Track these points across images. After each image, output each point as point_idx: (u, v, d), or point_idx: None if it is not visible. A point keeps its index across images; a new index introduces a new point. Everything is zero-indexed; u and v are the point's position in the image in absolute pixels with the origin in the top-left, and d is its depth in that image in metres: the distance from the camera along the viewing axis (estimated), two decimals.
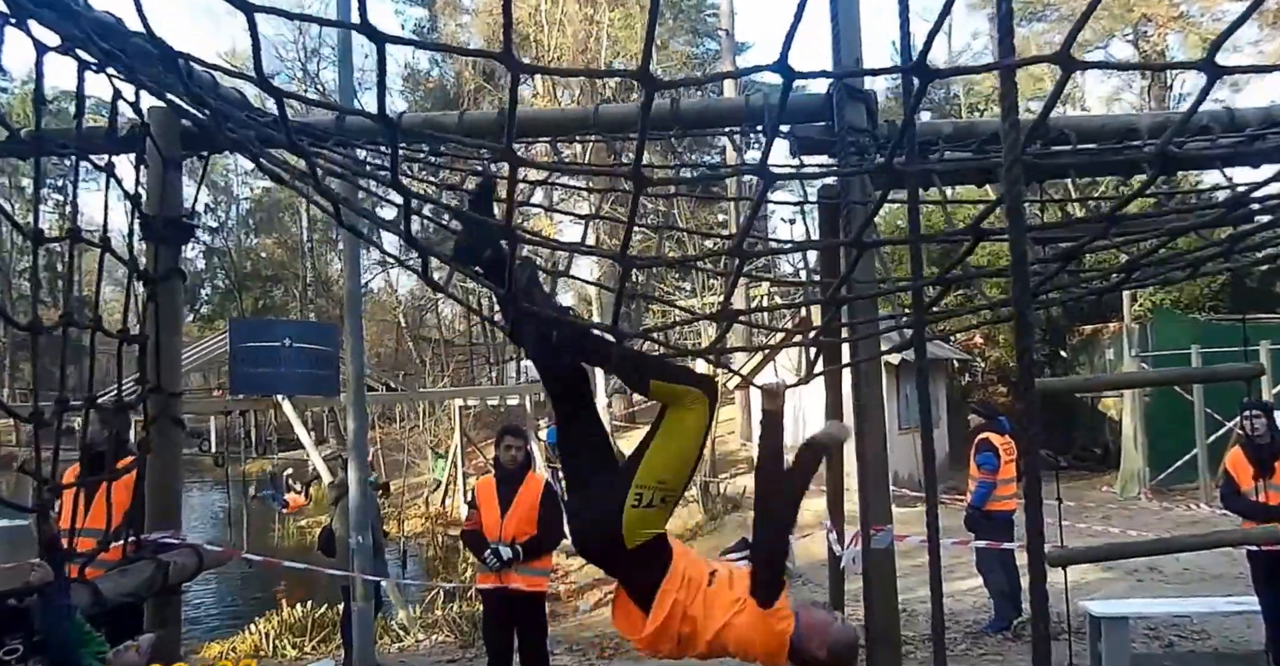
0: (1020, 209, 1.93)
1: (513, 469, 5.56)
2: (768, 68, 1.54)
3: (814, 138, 4.37)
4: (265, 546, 14.98)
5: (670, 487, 2.77)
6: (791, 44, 1.50)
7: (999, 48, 1.85)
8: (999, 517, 7.54)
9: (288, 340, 12.52)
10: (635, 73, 1.49)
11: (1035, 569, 1.88)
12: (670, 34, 27.17)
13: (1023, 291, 1.90)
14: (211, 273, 46.39)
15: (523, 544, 5.40)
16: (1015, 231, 1.92)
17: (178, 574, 3.74)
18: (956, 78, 32.09)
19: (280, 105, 2.12)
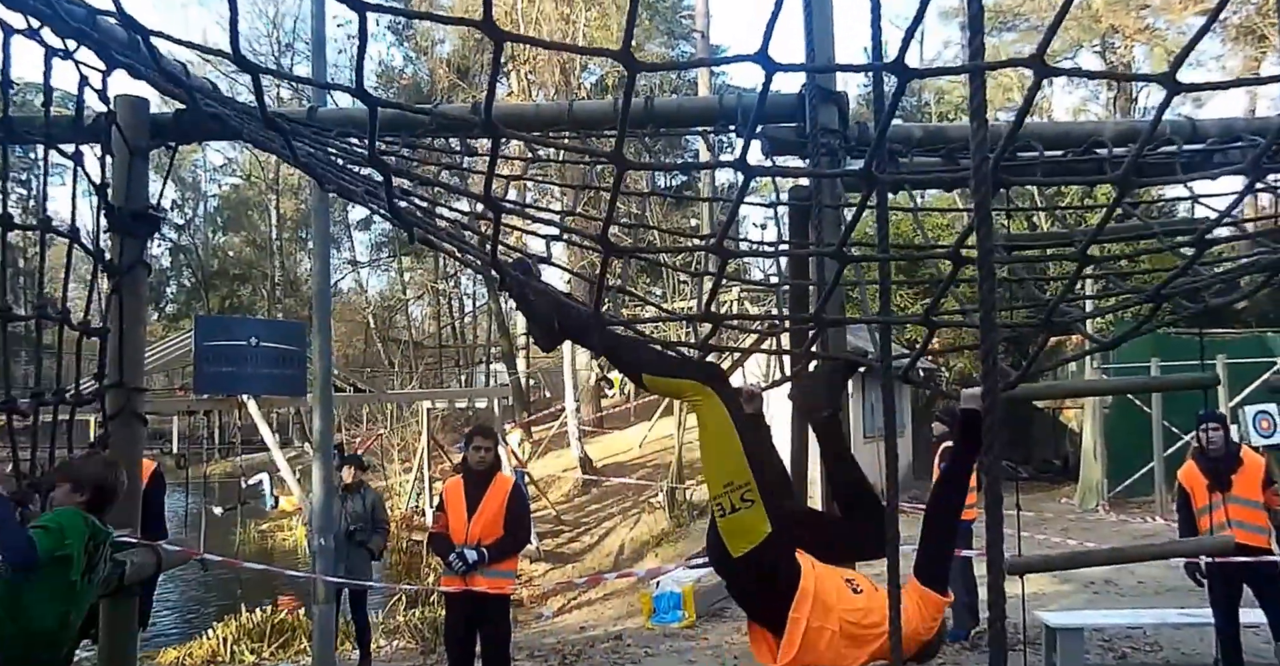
0: (987, 208, 1.95)
1: (481, 470, 5.54)
2: (748, 58, 1.54)
3: (786, 138, 4.39)
4: (227, 550, 14.76)
5: (741, 484, 2.62)
6: (771, 35, 1.50)
7: (969, 48, 1.86)
8: (960, 527, 7.58)
9: (254, 338, 12.35)
10: (617, 52, 1.46)
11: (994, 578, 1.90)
12: (646, 36, 27.23)
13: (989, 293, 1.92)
14: (177, 270, 45.77)
15: (489, 545, 5.37)
16: (983, 231, 1.94)
17: (135, 573, 3.68)
18: (928, 86, 32.44)
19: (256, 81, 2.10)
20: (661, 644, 8.43)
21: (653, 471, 18.07)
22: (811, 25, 4.28)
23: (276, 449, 12.58)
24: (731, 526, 2.63)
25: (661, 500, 15.37)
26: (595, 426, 23.70)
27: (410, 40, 31.80)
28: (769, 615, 2.67)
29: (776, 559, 2.66)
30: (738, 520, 2.61)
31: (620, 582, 11.69)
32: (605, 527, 16.00)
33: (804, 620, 2.59)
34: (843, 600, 2.68)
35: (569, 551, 15.28)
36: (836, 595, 2.68)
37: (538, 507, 17.06)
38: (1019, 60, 1.64)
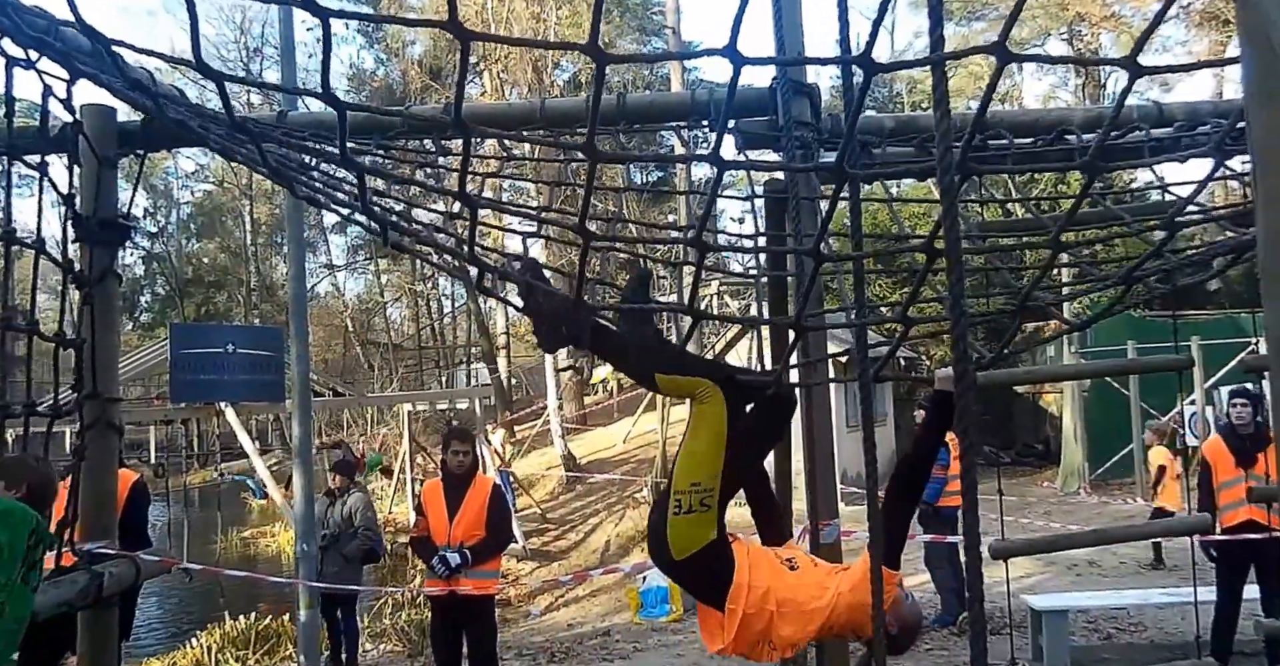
0: (954, 195, 1.97)
1: (460, 473, 5.52)
2: (717, 52, 1.54)
3: (758, 132, 4.40)
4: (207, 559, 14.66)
5: (706, 488, 2.63)
6: (740, 28, 1.50)
7: (930, 39, 1.87)
8: (946, 513, 7.64)
9: (230, 345, 12.27)
10: (584, 46, 1.44)
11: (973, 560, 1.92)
12: (618, 32, 27.19)
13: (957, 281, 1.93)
14: (151, 279, 45.32)
15: (471, 547, 5.36)
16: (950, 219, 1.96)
17: (114, 584, 3.64)
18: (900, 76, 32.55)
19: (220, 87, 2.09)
20: (650, 638, 8.46)
21: (637, 466, 18.09)
22: (780, 19, 4.29)
23: (256, 456, 12.51)
24: (681, 528, 2.64)
25: (647, 495, 15.40)
26: (579, 423, 23.71)
27: (381, 42, 31.64)
28: (710, 601, 2.73)
29: (712, 559, 2.71)
30: (689, 522, 2.64)
31: (607, 579, 11.71)
32: (591, 524, 16.01)
33: (740, 610, 2.65)
34: (778, 580, 2.72)
35: (555, 549, 15.28)
36: (771, 577, 2.72)
37: (522, 506, 17.05)
38: (982, 48, 1.66)
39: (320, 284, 39.87)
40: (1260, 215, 1.01)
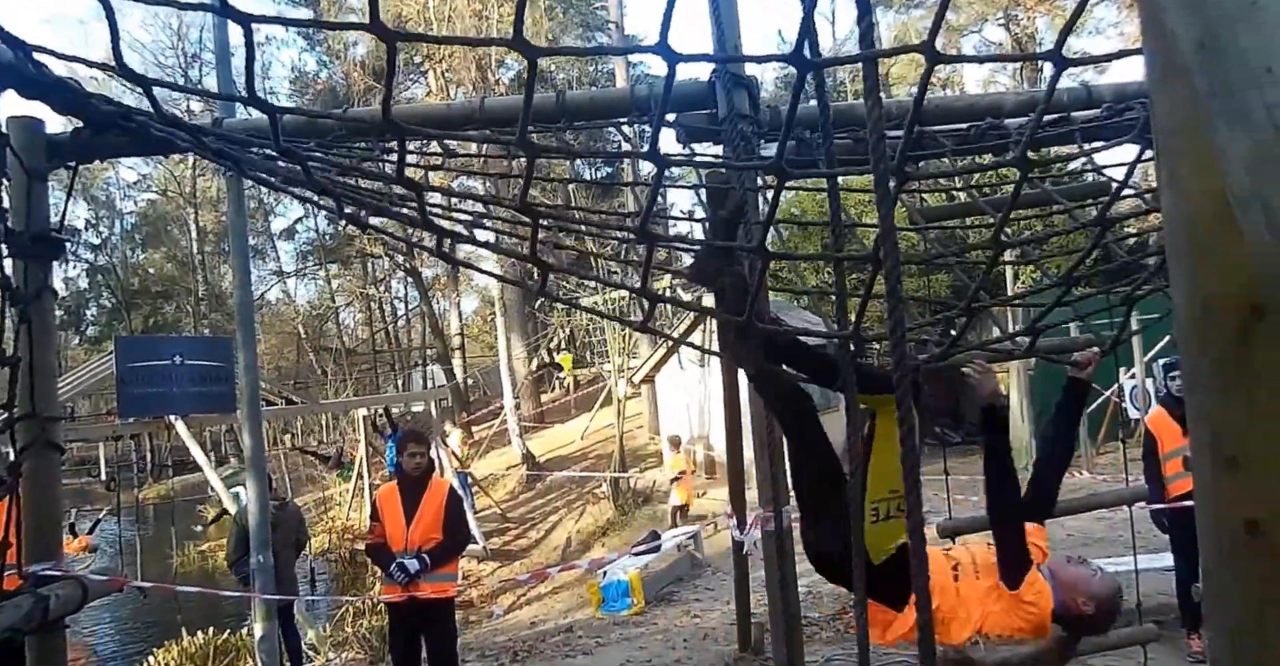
0: (886, 187, 2.03)
1: (416, 476, 5.51)
2: (649, 49, 1.56)
3: (699, 126, 4.44)
4: (164, 574, 14.44)
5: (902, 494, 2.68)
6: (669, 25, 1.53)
7: (860, 38, 1.92)
8: None
9: (178, 357, 12.10)
10: (511, 40, 1.46)
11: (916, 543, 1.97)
12: (561, 28, 27.12)
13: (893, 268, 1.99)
14: (96, 292, 44.28)
15: (429, 551, 5.35)
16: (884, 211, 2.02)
17: (60, 607, 3.60)
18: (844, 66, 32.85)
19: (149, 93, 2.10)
20: (612, 632, 8.50)
21: (595, 462, 18.13)
22: (718, 13, 4.34)
23: (210, 469, 12.34)
24: (880, 533, 2.68)
25: (605, 490, 15.45)
26: (536, 421, 23.68)
27: (322, 44, 31.24)
28: (893, 600, 2.77)
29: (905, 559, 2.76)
30: (888, 528, 2.69)
31: (569, 575, 11.74)
32: (551, 522, 16.03)
33: None
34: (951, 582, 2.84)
35: (516, 548, 15.28)
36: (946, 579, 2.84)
37: (482, 507, 17.02)
38: (911, 47, 1.72)
39: (271, 291, 39.36)
40: (1164, 197, 1.02)
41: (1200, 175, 0.95)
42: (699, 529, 11.20)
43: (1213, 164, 0.92)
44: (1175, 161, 1.00)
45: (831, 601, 8.46)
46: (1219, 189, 0.92)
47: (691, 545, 11.11)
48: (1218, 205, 0.92)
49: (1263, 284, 0.88)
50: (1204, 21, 0.90)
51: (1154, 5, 0.97)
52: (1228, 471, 0.98)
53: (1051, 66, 1.64)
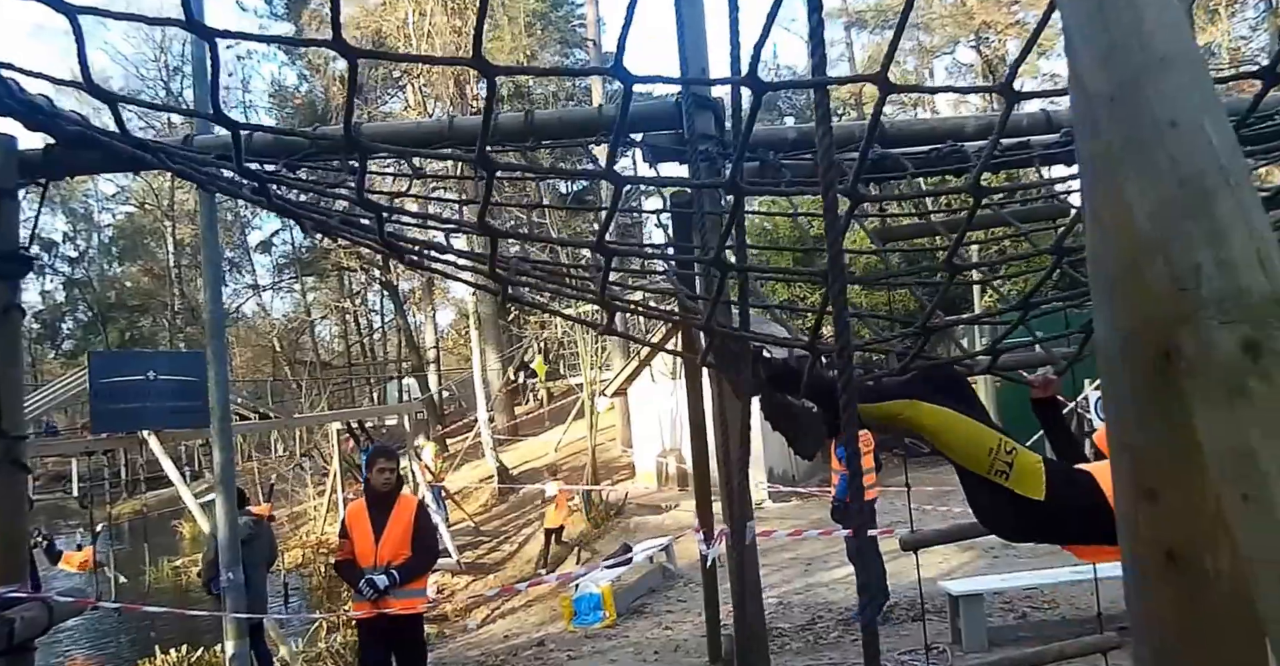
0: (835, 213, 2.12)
1: (385, 491, 5.53)
2: (606, 70, 1.64)
3: (665, 146, 4.52)
4: (137, 590, 14.35)
5: (995, 445, 2.75)
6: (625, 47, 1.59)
7: (812, 62, 2.00)
8: (864, 507, 7.88)
9: (152, 372, 12.09)
10: (470, 60, 1.49)
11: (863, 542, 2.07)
12: (540, 45, 27.25)
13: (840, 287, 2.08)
14: (73, 305, 43.90)
15: (398, 567, 5.36)
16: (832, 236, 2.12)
17: (26, 629, 3.61)
18: None
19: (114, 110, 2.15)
20: (584, 645, 8.54)
21: (569, 475, 18.15)
22: (683, 35, 4.43)
23: (182, 485, 12.28)
24: (1019, 478, 2.72)
25: (578, 502, 15.48)
26: (510, 434, 23.66)
27: (302, 58, 31.22)
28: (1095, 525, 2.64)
29: (1064, 476, 2.82)
30: (1019, 470, 2.73)
31: (543, 587, 11.76)
32: (525, 535, 16.02)
33: None
34: None
35: (490, 561, 15.27)
36: None
37: (456, 520, 16.99)
38: (864, 77, 1.81)
39: (246, 304, 39.17)
40: (1088, 238, 1.05)
41: (1117, 220, 0.98)
42: (670, 540, 11.26)
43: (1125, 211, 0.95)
44: (1098, 204, 1.04)
45: (801, 612, 8.55)
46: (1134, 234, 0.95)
47: (664, 557, 11.16)
48: (1133, 250, 0.96)
49: (1168, 329, 0.91)
50: (1115, 77, 0.93)
51: (1074, 59, 1.02)
52: (1148, 501, 1.00)
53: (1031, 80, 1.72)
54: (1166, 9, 0.91)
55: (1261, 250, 0.83)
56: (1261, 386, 0.80)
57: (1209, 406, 0.84)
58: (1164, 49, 0.90)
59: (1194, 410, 0.86)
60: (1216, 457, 0.85)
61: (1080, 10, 0.97)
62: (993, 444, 2.77)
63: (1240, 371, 0.81)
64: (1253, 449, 0.80)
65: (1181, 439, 0.93)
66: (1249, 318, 0.81)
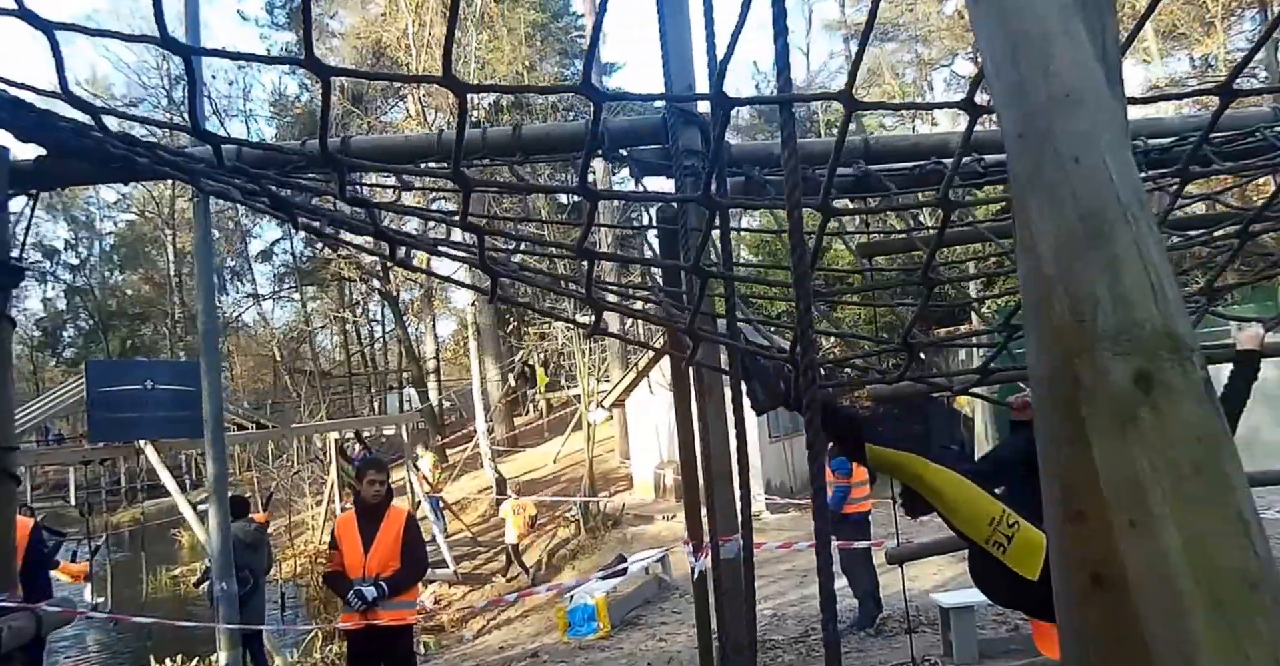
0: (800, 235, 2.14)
1: (374, 503, 5.53)
2: (574, 88, 1.66)
3: (651, 160, 4.55)
4: (133, 600, 14.31)
5: (998, 515, 2.70)
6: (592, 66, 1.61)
7: (778, 82, 2.03)
8: (854, 519, 7.89)
9: (150, 381, 12.11)
10: (440, 78, 1.52)
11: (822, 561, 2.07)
12: (539, 56, 27.38)
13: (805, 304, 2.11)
14: (74, 313, 43.96)
15: (387, 578, 5.37)
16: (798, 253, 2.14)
17: (12, 639, 3.62)
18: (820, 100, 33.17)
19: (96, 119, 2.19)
20: (577, 657, 8.53)
21: (567, 486, 18.15)
22: (668, 51, 4.46)
23: (178, 494, 12.28)
24: (1016, 555, 2.66)
25: (576, 513, 15.48)
26: (509, 445, 23.66)
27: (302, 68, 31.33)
28: None
29: None
30: (1016, 547, 2.66)
31: (540, 598, 11.75)
32: (522, 545, 16.01)
33: None
34: None
35: (487, 572, 15.24)
36: None
37: (454, 531, 16.98)
38: (829, 94, 1.83)
39: (248, 313, 39.24)
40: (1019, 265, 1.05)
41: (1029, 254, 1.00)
42: (665, 552, 11.25)
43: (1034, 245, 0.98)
44: (1019, 237, 1.06)
45: (795, 624, 8.54)
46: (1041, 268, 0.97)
47: (660, 568, 11.16)
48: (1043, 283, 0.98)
49: (1070, 360, 0.94)
50: (1024, 113, 0.96)
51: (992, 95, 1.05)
52: (1073, 524, 1.00)
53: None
54: (1076, 47, 0.93)
55: (1156, 284, 0.86)
56: (1151, 417, 0.83)
57: (1102, 435, 0.87)
58: (1071, 87, 0.91)
59: (1091, 439, 0.88)
60: (1110, 485, 0.87)
61: (996, 47, 0.98)
62: (995, 514, 2.72)
63: (1131, 402, 0.84)
64: (1140, 477, 0.83)
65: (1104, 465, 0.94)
66: (1141, 350, 0.84)
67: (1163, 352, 0.84)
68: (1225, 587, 0.81)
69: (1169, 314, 0.85)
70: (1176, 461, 0.83)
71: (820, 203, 2.09)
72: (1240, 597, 0.80)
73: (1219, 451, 0.83)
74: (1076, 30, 0.93)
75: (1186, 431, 0.83)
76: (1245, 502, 0.83)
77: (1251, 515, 0.83)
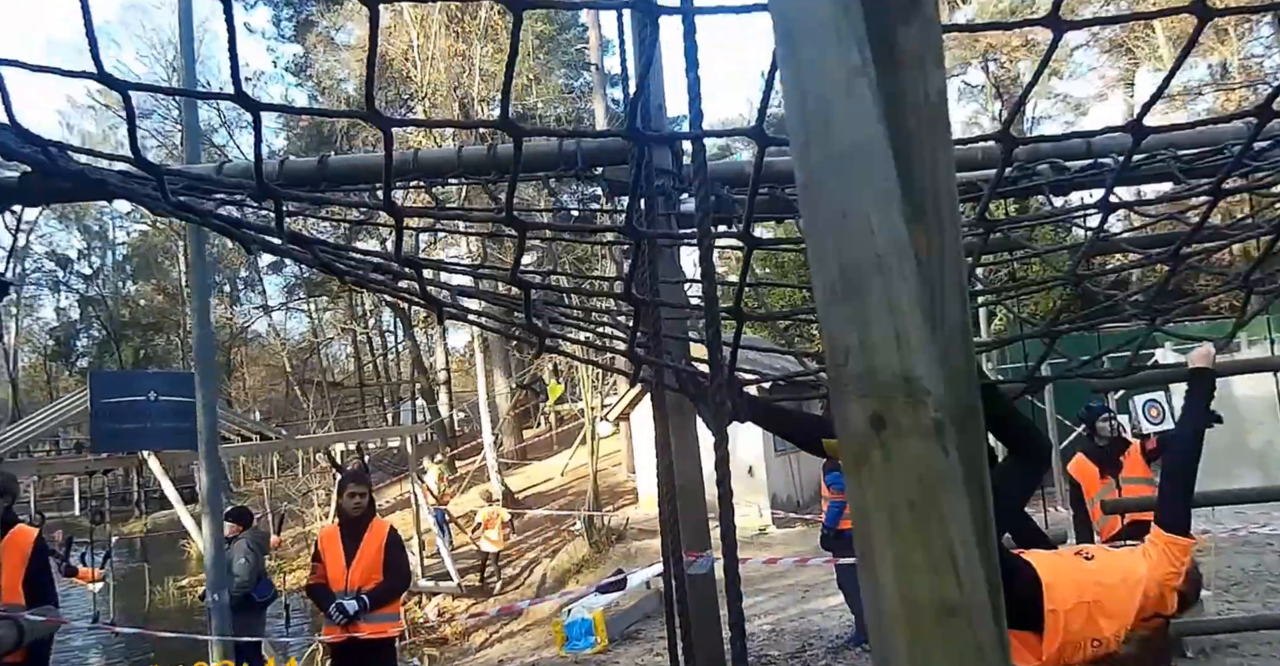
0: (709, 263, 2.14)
1: (356, 516, 5.56)
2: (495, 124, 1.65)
3: (623, 180, 4.55)
4: (139, 609, 14.39)
5: None
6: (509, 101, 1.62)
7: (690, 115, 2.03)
8: (850, 535, 7.83)
9: (153, 393, 12.17)
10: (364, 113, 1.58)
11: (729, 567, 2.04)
12: (545, 68, 27.49)
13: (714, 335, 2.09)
14: (87, 322, 44.33)
15: (369, 592, 5.39)
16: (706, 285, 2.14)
17: None
18: None
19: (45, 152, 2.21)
20: None
21: (574, 499, 18.13)
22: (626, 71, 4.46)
23: (180, 505, 12.34)
24: None
25: (580, 527, 15.45)
26: (518, 458, 23.66)
27: (312, 79, 31.58)
28: (1026, 620, 2.67)
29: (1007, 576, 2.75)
30: None
31: (543, 611, 11.75)
32: (528, 559, 16.00)
33: (1059, 610, 2.65)
34: (1083, 574, 2.76)
35: (492, 584, 15.23)
36: (1076, 572, 2.75)
37: (460, 544, 16.97)
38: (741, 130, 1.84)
39: (255, 323, 39.46)
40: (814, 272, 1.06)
41: None
42: None
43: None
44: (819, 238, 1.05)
45: (793, 639, 8.48)
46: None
47: (660, 582, 11.10)
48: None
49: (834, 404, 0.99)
50: (807, 169, 1.00)
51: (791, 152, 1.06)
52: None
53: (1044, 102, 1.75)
54: (856, 101, 0.97)
55: (901, 332, 0.91)
56: (879, 456, 0.90)
57: (848, 473, 0.95)
58: (846, 142, 0.96)
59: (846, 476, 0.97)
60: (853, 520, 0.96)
61: (791, 105, 1.02)
62: None
63: (866, 442, 0.91)
64: (868, 513, 0.91)
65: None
66: (878, 393, 0.90)
67: (897, 396, 0.90)
68: (923, 616, 0.88)
69: (909, 359, 0.91)
70: (895, 498, 0.89)
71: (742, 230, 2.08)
72: (937, 624, 0.87)
73: (939, 488, 0.89)
74: (862, 91, 0.97)
75: (909, 470, 0.89)
76: (958, 536, 0.89)
77: (962, 547, 0.88)
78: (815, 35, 0.99)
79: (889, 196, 0.94)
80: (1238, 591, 8.01)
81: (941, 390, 0.90)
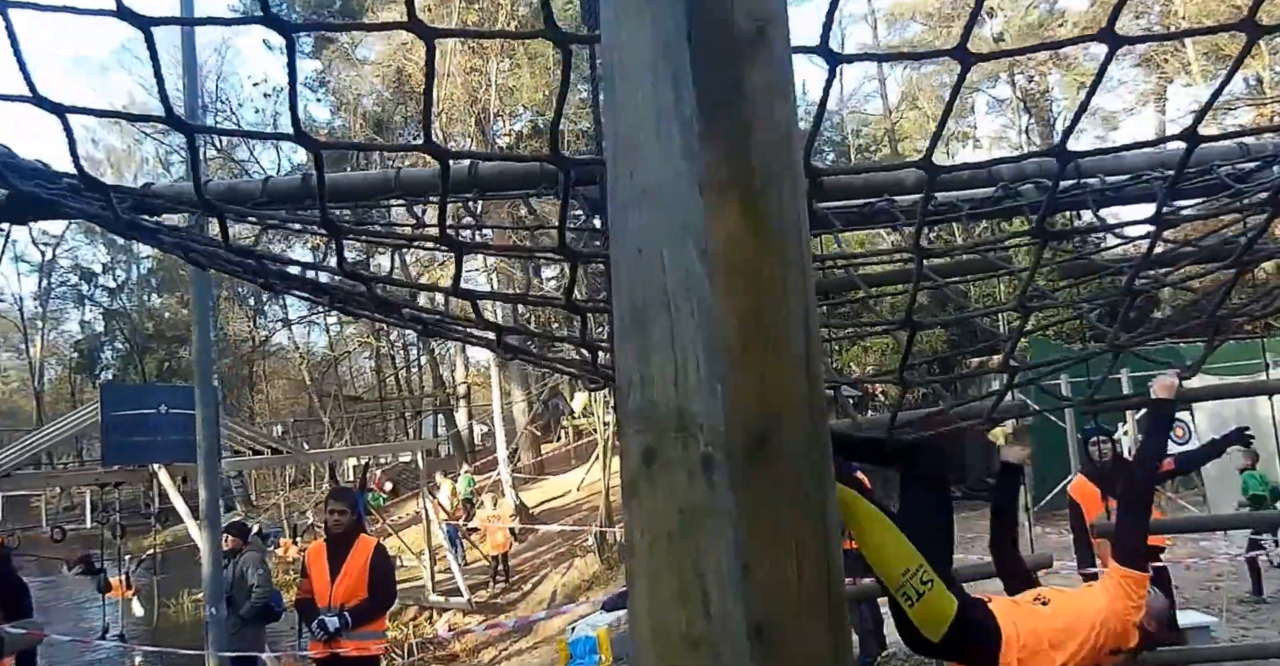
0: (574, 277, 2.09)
1: (339, 533, 5.51)
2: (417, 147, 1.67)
3: (598, 198, 4.47)
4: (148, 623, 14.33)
5: (915, 568, 2.59)
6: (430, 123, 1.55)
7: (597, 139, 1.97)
8: (855, 554, 7.65)
9: (163, 406, 12.21)
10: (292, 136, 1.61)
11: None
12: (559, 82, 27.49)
13: None
14: (112, 335, 44.76)
15: (352, 609, 5.33)
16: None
17: None
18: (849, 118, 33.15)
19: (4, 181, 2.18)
20: None
21: (588, 514, 18.00)
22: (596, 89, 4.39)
23: (190, 519, 12.32)
24: (922, 614, 2.61)
25: (593, 543, 15.32)
26: (535, 472, 23.56)
27: (333, 93, 31.77)
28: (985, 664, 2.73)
29: (971, 627, 2.71)
30: (925, 605, 2.60)
31: (552, 628, 11.63)
32: (540, 574, 15.88)
33: (1014, 659, 2.69)
34: (1040, 621, 2.81)
35: (503, 601, 15.12)
36: (1033, 619, 2.80)
37: (472, 559, 16.88)
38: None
39: (276, 336, 39.69)
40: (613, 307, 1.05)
41: None
42: None
43: None
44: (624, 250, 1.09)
45: None
46: None
47: None
48: None
49: None
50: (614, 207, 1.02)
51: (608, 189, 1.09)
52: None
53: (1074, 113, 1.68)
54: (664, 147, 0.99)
55: (681, 367, 0.93)
56: (647, 488, 0.91)
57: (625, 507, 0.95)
58: (646, 182, 0.99)
59: None
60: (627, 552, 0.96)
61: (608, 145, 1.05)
62: (911, 566, 2.60)
63: (638, 475, 0.92)
64: (635, 545, 0.92)
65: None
66: (652, 428, 0.91)
67: (669, 431, 0.90)
68: (671, 646, 0.88)
69: (686, 394, 0.92)
70: (657, 530, 0.90)
71: None
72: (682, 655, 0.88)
73: (697, 521, 0.89)
74: (671, 132, 0.99)
75: (671, 503, 0.90)
76: (710, 569, 0.89)
77: (715, 581, 0.89)
78: (632, 75, 1.02)
79: (684, 234, 0.97)
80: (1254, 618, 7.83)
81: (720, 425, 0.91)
